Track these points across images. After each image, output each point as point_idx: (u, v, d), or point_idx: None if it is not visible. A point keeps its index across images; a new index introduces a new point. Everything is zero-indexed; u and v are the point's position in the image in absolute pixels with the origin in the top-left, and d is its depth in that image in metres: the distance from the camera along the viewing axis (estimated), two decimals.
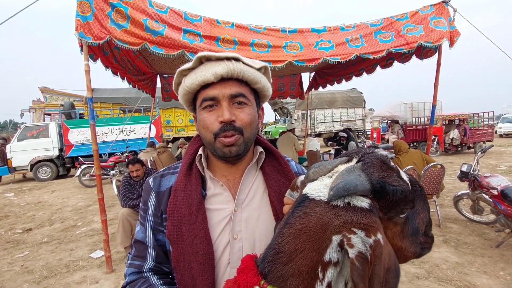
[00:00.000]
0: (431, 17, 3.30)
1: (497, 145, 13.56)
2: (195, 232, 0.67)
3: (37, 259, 3.45)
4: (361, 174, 0.48)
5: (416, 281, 2.59)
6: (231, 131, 0.67)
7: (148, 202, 0.75)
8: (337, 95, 16.22)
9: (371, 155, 0.53)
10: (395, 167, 0.53)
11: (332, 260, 0.45)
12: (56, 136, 9.70)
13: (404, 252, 0.53)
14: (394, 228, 0.51)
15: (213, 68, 0.66)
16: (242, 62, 0.68)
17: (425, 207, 0.58)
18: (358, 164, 0.51)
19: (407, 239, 0.53)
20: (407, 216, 0.52)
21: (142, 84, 5.69)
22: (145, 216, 0.76)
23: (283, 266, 0.48)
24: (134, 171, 3.28)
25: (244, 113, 0.69)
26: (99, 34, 2.70)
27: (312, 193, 0.50)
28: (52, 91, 15.42)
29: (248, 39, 3.09)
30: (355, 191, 0.45)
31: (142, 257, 0.74)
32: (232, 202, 0.72)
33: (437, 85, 3.76)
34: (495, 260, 2.88)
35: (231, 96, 0.68)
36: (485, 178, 3.32)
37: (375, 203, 0.47)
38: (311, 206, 0.49)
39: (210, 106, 0.68)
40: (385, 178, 0.48)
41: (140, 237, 0.75)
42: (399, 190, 0.47)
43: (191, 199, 0.69)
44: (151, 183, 0.77)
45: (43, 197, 7.02)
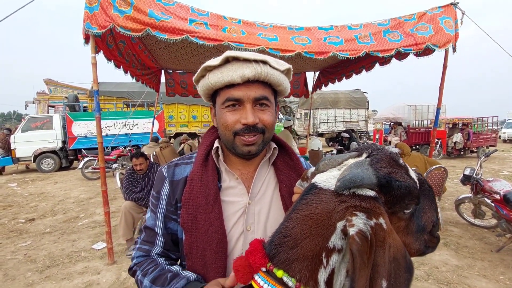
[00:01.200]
0: (441, 17, 3.27)
1: (500, 150, 13.50)
2: (211, 221, 0.69)
3: (40, 248, 3.49)
4: (368, 168, 0.49)
5: (415, 282, 2.60)
6: (254, 132, 0.69)
7: (161, 191, 0.76)
8: (341, 95, 16.17)
9: (380, 151, 0.54)
10: (403, 164, 0.54)
11: (336, 247, 0.47)
12: (60, 128, 9.77)
13: (408, 248, 0.54)
14: (398, 223, 0.52)
15: (241, 69, 0.65)
16: (269, 65, 0.68)
17: (433, 207, 0.58)
18: (367, 159, 0.52)
19: (412, 235, 0.54)
20: (412, 212, 0.53)
21: (146, 78, 5.69)
22: (157, 204, 0.77)
23: (289, 250, 0.50)
24: (137, 165, 3.30)
25: (266, 115, 0.70)
26: (103, 23, 2.66)
27: (320, 183, 0.52)
28: (57, 83, 15.49)
29: (255, 32, 3.06)
30: (361, 184, 0.47)
31: (151, 242, 0.76)
32: (246, 195, 0.74)
33: (443, 88, 3.75)
34: (495, 264, 2.88)
35: (255, 99, 0.68)
36: (488, 182, 3.31)
37: (381, 196, 0.49)
38: (319, 194, 0.51)
39: (233, 105, 0.69)
40: (392, 174, 0.50)
41: (150, 224, 0.77)
42: (404, 185, 0.49)
43: (208, 189, 0.71)
44: (164, 172, 0.78)
45: (46, 188, 7.07)
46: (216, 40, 2.86)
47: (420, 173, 0.58)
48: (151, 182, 3.38)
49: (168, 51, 5.02)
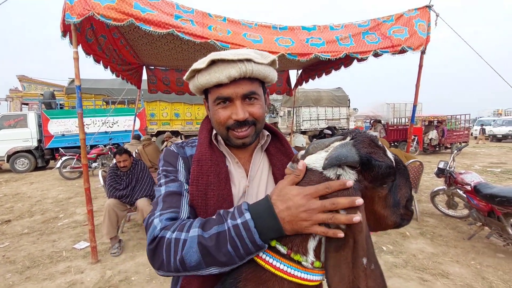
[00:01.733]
0: (416, 20, 3.45)
1: (472, 147, 14.31)
2: (224, 198, 0.71)
3: (19, 249, 3.35)
4: (352, 148, 0.55)
5: (394, 269, 2.74)
6: (245, 126, 0.73)
7: (177, 163, 0.76)
8: (323, 93, 16.50)
9: (362, 134, 0.60)
10: (382, 146, 0.60)
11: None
12: (35, 127, 9.33)
13: (386, 220, 0.60)
14: (377, 196, 0.58)
15: (227, 70, 0.68)
16: (254, 61, 0.70)
17: (407, 184, 0.65)
18: (351, 141, 0.58)
19: (389, 209, 0.60)
20: (390, 188, 0.59)
21: (127, 74, 5.54)
22: (175, 174, 0.74)
23: None
24: (121, 161, 3.24)
25: (255, 108, 0.73)
26: (82, 11, 2.55)
27: (310, 164, 0.57)
28: (31, 80, 14.74)
29: (241, 31, 3.10)
30: (346, 162, 0.53)
31: (176, 208, 0.68)
32: (245, 178, 0.79)
33: (419, 86, 3.94)
34: (467, 251, 3.09)
35: (244, 95, 0.71)
36: (460, 174, 3.53)
37: (361, 174, 0.55)
38: (308, 174, 0.56)
39: (224, 102, 0.72)
40: (372, 153, 0.56)
41: (175, 188, 0.71)
42: (383, 164, 0.55)
43: (219, 168, 0.74)
44: (175, 149, 0.79)
45: (21, 189, 6.75)
46: (202, 38, 2.85)
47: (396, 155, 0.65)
48: (135, 179, 3.33)
49: (150, 47, 4.93)
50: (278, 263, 0.54)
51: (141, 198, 3.26)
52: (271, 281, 0.54)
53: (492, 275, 2.60)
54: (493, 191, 2.95)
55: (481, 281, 2.51)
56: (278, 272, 0.53)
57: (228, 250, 0.54)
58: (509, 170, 7.64)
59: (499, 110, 23.87)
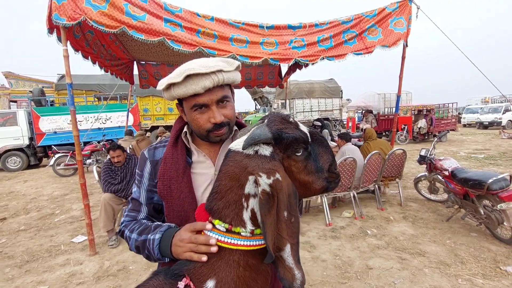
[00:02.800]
0: (392, 19, 3.63)
1: (459, 134, 14.67)
2: (182, 189, 0.85)
3: (16, 245, 3.46)
4: (265, 128, 0.67)
5: (376, 250, 2.94)
6: (222, 128, 0.84)
7: (144, 169, 0.92)
8: (316, 85, 16.61)
9: (274, 115, 0.72)
10: (294, 121, 0.72)
11: (251, 193, 0.64)
12: (26, 124, 9.26)
13: (313, 185, 0.71)
14: (296, 164, 0.69)
15: (202, 82, 0.76)
16: (223, 71, 0.78)
17: (327, 151, 0.76)
18: (265, 122, 0.70)
19: (312, 175, 0.71)
20: (307, 155, 0.70)
21: (116, 69, 5.56)
22: (140, 180, 0.93)
23: (218, 201, 0.67)
24: (115, 157, 3.34)
25: (227, 110, 0.85)
26: (73, 14, 2.64)
27: (233, 147, 0.69)
28: (18, 77, 14.48)
29: (228, 34, 3.23)
30: (260, 140, 0.64)
31: (137, 210, 0.93)
32: (212, 168, 0.91)
33: (402, 77, 4.10)
34: (444, 231, 3.31)
35: (218, 100, 0.82)
36: (439, 161, 3.73)
37: (276, 147, 0.67)
38: (232, 155, 0.68)
39: (200, 108, 0.82)
40: (282, 129, 0.67)
41: (136, 196, 0.93)
42: (290, 135, 0.66)
43: (178, 165, 0.87)
44: (146, 154, 0.94)
45: (15, 187, 6.79)
46: (191, 45, 3.05)
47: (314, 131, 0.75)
48: (130, 173, 3.44)
49: (140, 43, 4.96)
50: (222, 237, 0.66)
51: None
52: (223, 251, 0.66)
53: (464, 252, 2.81)
54: (467, 175, 3.15)
55: (454, 257, 2.72)
56: (224, 244, 0.65)
57: (146, 253, 0.81)
58: (492, 156, 7.95)
59: (486, 98, 24.35)
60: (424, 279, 2.41)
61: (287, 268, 0.61)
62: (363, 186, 4.05)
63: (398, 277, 2.46)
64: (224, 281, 0.64)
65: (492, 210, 2.97)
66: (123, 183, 3.39)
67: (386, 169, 4.16)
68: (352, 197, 3.91)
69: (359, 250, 2.99)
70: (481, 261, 2.65)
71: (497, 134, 13.02)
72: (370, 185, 4.15)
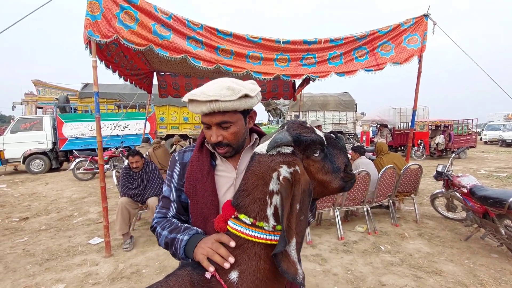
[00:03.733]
0: (406, 35, 3.68)
1: (480, 151, 14.16)
2: (206, 188, 0.94)
3: (38, 244, 3.61)
4: (285, 132, 0.76)
5: (390, 267, 2.87)
6: (222, 146, 0.92)
7: (174, 170, 1.03)
8: (330, 98, 16.61)
9: (293, 122, 0.82)
10: (310, 126, 0.81)
11: (274, 190, 0.72)
12: (50, 130, 9.75)
13: (331, 184, 0.79)
14: (314, 164, 0.78)
15: (200, 108, 0.85)
16: (221, 101, 0.83)
17: (342, 153, 0.85)
18: (285, 128, 0.80)
19: (330, 174, 0.79)
20: (324, 156, 0.79)
21: (136, 79, 5.84)
22: (170, 179, 1.03)
23: (245, 198, 0.75)
24: (133, 163, 3.47)
25: (228, 132, 0.91)
26: (107, 32, 2.90)
27: (257, 150, 0.79)
28: (46, 85, 15.32)
29: (244, 51, 3.42)
30: (281, 142, 0.74)
31: (167, 207, 1.03)
32: (234, 171, 0.98)
33: (418, 92, 4.08)
34: (462, 251, 3.19)
35: (217, 124, 0.89)
36: (457, 177, 3.64)
37: (296, 149, 0.75)
38: (257, 157, 0.77)
39: (207, 127, 0.92)
40: (300, 133, 0.77)
41: (167, 194, 1.04)
42: (308, 138, 0.76)
43: (203, 167, 0.96)
44: (176, 156, 1.04)
45: (37, 189, 7.09)
46: (210, 62, 3.31)
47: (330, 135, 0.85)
48: (147, 179, 3.55)
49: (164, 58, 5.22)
50: (246, 230, 0.72)
51: (151, 197, 3.49)
52: (245, 244, 0.73)
53: (484, 273, 2.70)
54: (486, 193, 3.06)
55: (472, 278, 2.62)
56: (247, 237, 0.72)
57: (173, 250, 0.89)
58: None
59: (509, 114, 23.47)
60: None
61: (291, 262, 0.66)
62: (377, 201, 3.99)
63: None
64: (246, 273, 0.70)
65: None
66: (140, 188, 3.51)
67: (401, 184, 4.08)
68: (366, 211, 3.85)
69: (372, 265, 2.93)
70: (502, 283, 2.54)
71: None
72: (384, 200, 4.08)
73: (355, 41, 3.68)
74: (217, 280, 0.70)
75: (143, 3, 3.01)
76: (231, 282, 0.69)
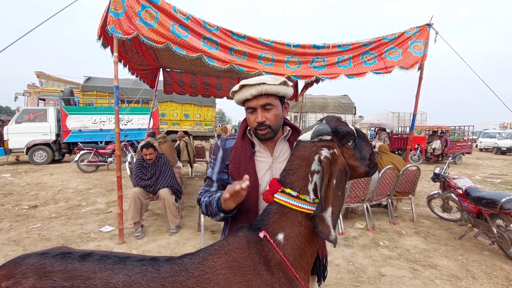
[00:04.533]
0: (412, 41, 3.86)
1: (475, 158, 14.46)
2: (248, 171, 1.11)
3: (51, 229, 3.75)
4: (326, 124, 0.95)
5: (388, 260, 3.06)
6: (263, 127, 1.10)
7: (217, 154, 1.20)
8: (329, 100, 16.84)
9: (331, 117, 1.00)
10: (344, 121, 1.00)
11: (315, 170, 0.90)
12: (54, 121, 9.84)
13: (358, 169, 0.98)
14: (348, 151, 0.96)
15: (249, 91, 1.07)
16: (267, 84, 1.06)
17: (368, 145, 1.03)
18: (325, 121, 0.99)
19: (359, 161, 0.98)
20: (355, 146, 0.97)
21: (142, 73, 6.03)
22: (214, 162, 1.21)
23: (291, 176, 0.93)
24: (147, 154, 3.62)
25: (270, 114, 1.10)
26: (128, 30, 3.04)
27: (302, 138, 0.97)
28: (48, 77, 15.37)
29: (256, 53, 3.60)
30: (323, 132, 0.92)
31: (210, 185, 1.21)
32: (270, 157, 1.16)
33: (418, 96, 4.28)
34: (456, 248, 3.39)
35: (262, 105, 1.09)
36: (453, 179, 3.84)
37: (334, 138, 0.93)
38: (302, 143, 0.95)
39: (251, 111, 1.12)
40: (338, 125, 0.95)
41: (210, 175, 1.21)
42: (344, 130, 0.94)
43: (246, 152, 1.14)
44: (219, 143, 1.22)
45: (42, 179, 7.20)
46: (224, 62, 3.47)
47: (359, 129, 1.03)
48: (159, 171, 3.71)
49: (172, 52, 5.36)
50: (292, 201, 0.90)
51: (163, 188, 3.64)
52: (290, 213, 0.90)
53: (476, 268, 2.90)
54: (480, 194, 3.26)
55: (465, 272, 2.81)
56: (293, 207, 0.89)
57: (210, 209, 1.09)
58: (509, 181, 7.87)
59: (505, 123, 23.90)
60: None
61: (326, 225, 0.84)
62: (376, 199, 4.18)
63: (410, 285, 2.58)
64: (289, 236, 0.87)
65: (505, 229, 3.06)
66: (152, 179, 3.66)
67: (399, 184, 4.28)
68: (365, 209, 4.04)
69: (371, 258, 3.11)
70: (493, 278, 2.73)
71: None
72: (383, 198, 4.28)
73: (361, 47, 3.88)
74: (268, 240, 0.86)
75: (163, 4, 3.17)
76: (278, 242, 0.86)
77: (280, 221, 0.89)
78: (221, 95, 7.75)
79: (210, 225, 3.99)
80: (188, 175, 7.75)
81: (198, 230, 3.73)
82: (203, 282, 0.80)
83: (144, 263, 0.85)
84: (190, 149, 7.24)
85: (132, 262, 0.85)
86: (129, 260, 0.86)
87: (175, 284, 0.80)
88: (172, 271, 0.83)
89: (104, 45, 3.53)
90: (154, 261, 0.87)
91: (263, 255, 0.85)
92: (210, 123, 14.62)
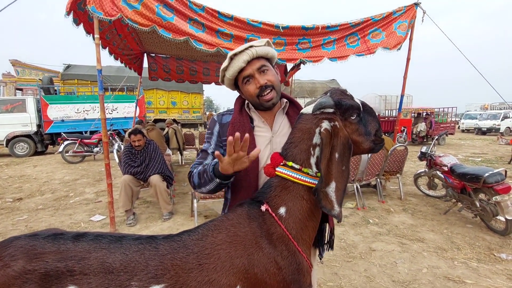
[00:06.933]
0: (396, 22, 3.88)
1: (457, 139, 14.95)
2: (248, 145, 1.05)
3: (39, 221, 3.65)
4: (329, 97, 0.91)
5: (378, 236, 3.17)
6: (267, 89, 1.06)
7: (214, 128, 1.16)
8: (318, 85, 16.85)
9: (336, 89, 0.96)
10: (349, 94, 0.95)
11: (317, 143, 0.88)
12: (34, 112, 9.41)
13: (362, 145, 0.93)
14: (351, 126, 0.92)
15: (241, 58, 1.04)
16: (254, 46, 1.06)
17: (375, 120, 0.98)
18: (328, 93, 0.95)
19: (362, 136, 0.93)
20: (359, 120, 0.92)
21: (126, 59, 5.74)
22: (210, 136, 1.16)
23: (293, 149, 0.91)
24: (136, 141, 3.53)
25: (269, 75, 1.08)
26: (110, 11, 2.88)
27: (304, 111, 0.94)
28: (25, 65, 14.59)
29: (243, 35, 3.50)
30: (325, 105, 0.88)
31: (204, 158, 1.15)
32: (270, 131, 1.13)
33: (406, 77, 4.32)
34: (441, 222, 3.53)
35: (258, 69, 1.06)
36: (439, 157, 3.96)
37: (337, 111, 0.90)
38: (304, 116, 0.93)
39: (248, 80, 1.08)
40: (341, 98, 0.91)
41: (205, 148, 1.16)
42: (348, 103, 0.90)
43: (244, 127, 1.09)
44: (216, 118, 1.18)
45: (26, 171, 6.96)
46: (211, 45, 3.38)
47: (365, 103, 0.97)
48: (149, 157, 3.63)
49: (156, 35, 5.15)
50: (294, 174, 0.88)
51: (153, 175, 3.58)
52: (292, 186, 0.88)
53: (460, 240, 3.04)
54: (465, 170, 3.38)
55: (450, 244, 2.95)
56: (295, 180, 0.88)
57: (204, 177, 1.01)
58: (489, 159, 8.20)
59: (485, 104, 24.71)
60: (423, 260, 2.64)
61: (329, 201, 0.82)
62: (366, 179, 4.28)
63: (399, 258, 2.68)
64: (291, 209, 0.86)
65: (487, 203, 3.20)
66: (142, 166, 3.59)
67: (388, 164, 4.38)
68: (355, 189, 4.13)
69: (362, 235, 3.21)
70: (476, 248, 2.88)
71: (494, 140, 13.28)
72: (372, 178, 4.38)
73: (349, 28, 3.84)
74: (270, 214, 0.85)
75: None
76: (280, 215, 0.86)
77: (282, 195, 0.88)
78: (209, 80, 7.55)
79: (203, 210, 3.99)
80: (178, 163, 7.67)
81: (191, 215, 3.72)
82: (203, 257, 0.79)
83: (141, 241, 0.83)
84: (179, 136, 7.13)
85: (129, 241, 0.82)
86: (125, 239, 0.83)
87: (175, 261, 0.78)
88: (170, 248, 0.81)
89: (76, 22, 3.27)
90: (152, 239, 0.84)
91: (265, 228, 0.84)
92: (199, 110, 14.37)
